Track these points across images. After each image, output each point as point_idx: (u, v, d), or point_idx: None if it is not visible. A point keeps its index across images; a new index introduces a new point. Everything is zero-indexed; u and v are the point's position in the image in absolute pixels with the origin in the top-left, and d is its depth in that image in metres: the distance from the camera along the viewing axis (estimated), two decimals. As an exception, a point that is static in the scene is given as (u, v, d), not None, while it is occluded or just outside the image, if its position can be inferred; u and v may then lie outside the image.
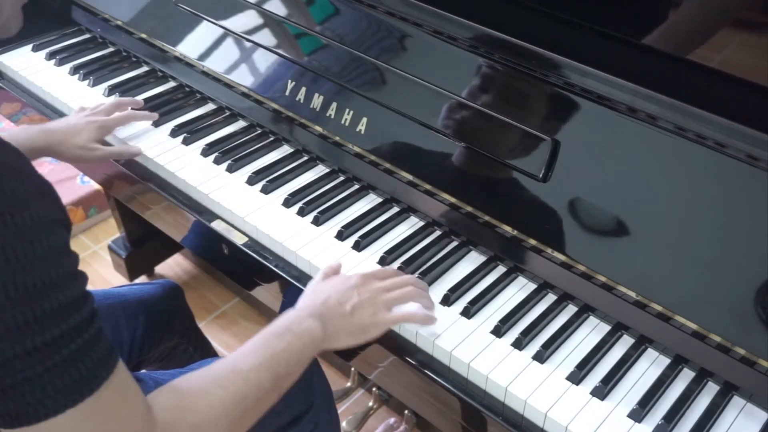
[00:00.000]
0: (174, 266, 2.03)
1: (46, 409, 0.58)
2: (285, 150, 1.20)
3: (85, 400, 0.59)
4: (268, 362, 0.76)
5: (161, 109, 1.28)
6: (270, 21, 1.21)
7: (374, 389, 1.48)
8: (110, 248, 1.92)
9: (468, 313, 0.92)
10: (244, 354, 0.76)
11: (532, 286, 0.96)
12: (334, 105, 1.11)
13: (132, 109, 1.23)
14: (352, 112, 1.09)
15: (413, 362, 0.89)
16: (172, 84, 1.36)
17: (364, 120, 1.08)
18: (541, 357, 0.86)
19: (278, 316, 0.82)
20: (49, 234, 0.57)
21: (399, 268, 0.97)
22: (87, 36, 1.49)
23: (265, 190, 1.10)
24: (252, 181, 1.12)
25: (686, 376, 0.86)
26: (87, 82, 1.35)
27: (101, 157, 1.15)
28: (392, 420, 1.54)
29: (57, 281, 0.57)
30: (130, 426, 0.63)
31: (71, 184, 2.14)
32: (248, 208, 1.07)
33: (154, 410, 0.66)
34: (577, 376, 0.84)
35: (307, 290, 0.90)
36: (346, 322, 0.85)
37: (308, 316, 0.83)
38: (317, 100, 1.13)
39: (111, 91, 1.32)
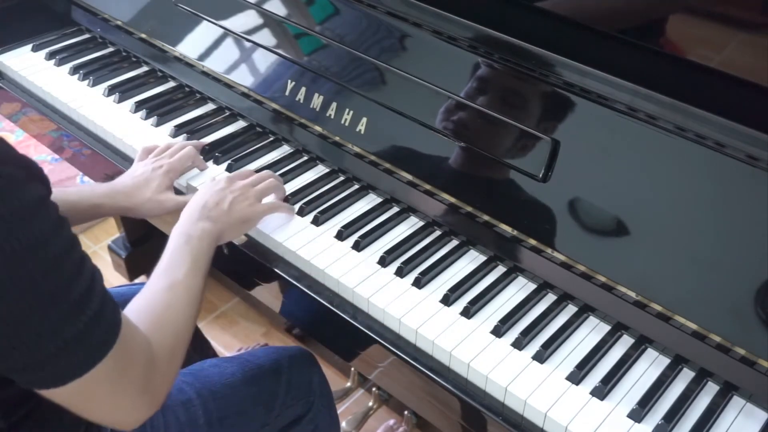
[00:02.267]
0: (174, 266, 2.02)
1: (82, 365, 0.64)
2: (285, 150, 1.20)
3: (114, 347, 0.66)
4: (194, 265, 0.87)
5: (161, 109, 1.28)
6: (270, 21, 1.21)
7: (374, 389, 1.48)
8: (110, 248, 1.92)
9: (468, 313, 0.92)
10: (172, 267, 0.86)
11: (532, 286, 0.96)
12: (334, 105, 1.11)
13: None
14: (352, 112, 1.09)
15: (413, 362, 0.89)
16: (172, 84, 1.36)
17: (364, 120, 1.08)
18: (540, 357, 0.86)
19: (173, 234, 0.92)
20: (49, 208, 0.63)
21: (399, 268, 0.97)
22: (87, 36, 1.49)
23: (265, 190, 1.10)
24: (252, 181, 1.12)
25: (686, 376, 0.86)
26: (87, 82, 1.35)
27: (173, 208, 1.05)
28: (392, 422, 1.54)
29: (66, 247, 0.63)
30: (141, 356, 0.71)
31: (71, 184, 2.14)
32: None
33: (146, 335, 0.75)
34: (576, 376, 0.84)
35: (188, 203, 0.98)
36: (228, 217, 0.96)
37: (198, 221, 0.93)
38: (317, 100, 1.13)
39: (111, 91, 1.32)
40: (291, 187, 1.11)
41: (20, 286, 0.59)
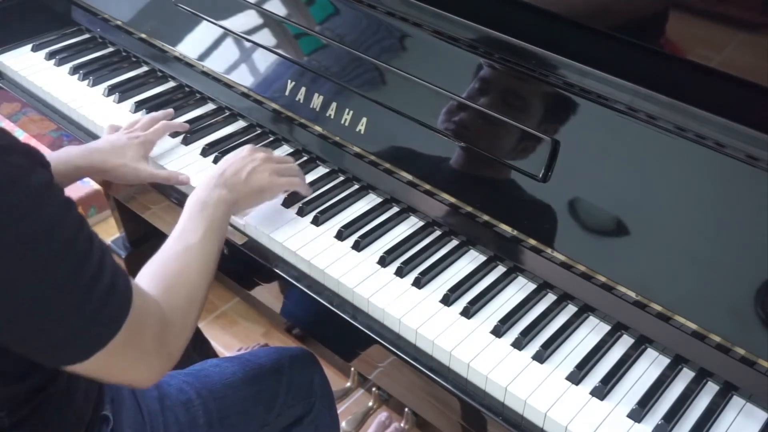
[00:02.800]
0: (174, 266, 2.02)
1: (101, 338, 0.66)
2: (285, 150, 1.20)
3: (129, 316, 0.67)
4: (210, 230, 0.89)
5: (161, 109, 1.27)
6: (270, 21, 1.21)
7: (374, 389, 1.48)
8: (110, 248, 1.92)
9: (468, 313, 0.92)
10: (187, 232, 0.88)
11: (532, 286, 0.96)
12: (333, 105, 1.11)
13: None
14: (351, 112, 1.09)
15: (413, 362, 0.89)
16: (171, 84, 1.36)
17: (364, 120, 1.08)
18: (540, 357, 0.86)
19: (189, 200, 0.93)
20: (57, 191, 0.64)
21: (399, 268, 0.97)
22: (87, 36, 1.49)
23: (265, 190, 1.10)
24: (252, 181, 1.12)
25: (686, 376, 0.86)
26: (87, 82, 1.35)
27: (149, 178, 1.10)
28: (384, 416, 1.54)
29: (76, 227, 0.64)
30: (153, 321, 0.73)
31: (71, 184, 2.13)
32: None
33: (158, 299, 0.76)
34: (576, 376, 0.84)
35: (210, 171, 0.99)
36: (245, 186, 0.97)
37: (215, 187, 0.94)
38: (317, 100, 1.13)
39: (111, 91, 1.32)
40: (291, 187, 1.11)
41: (38, 272, 0.61)
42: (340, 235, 1.03)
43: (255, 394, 1.02)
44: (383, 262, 0.98)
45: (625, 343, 0.89)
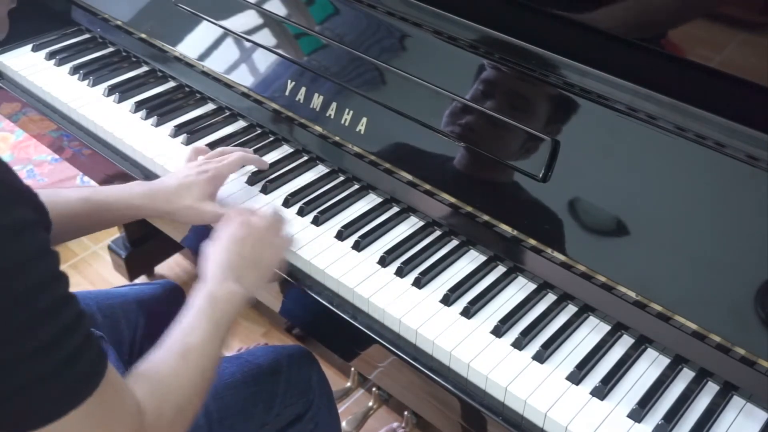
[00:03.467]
0: (174, 266, 2.03)
1: (48, 412, 0.58)
2: (285, 150, 1.20)
3: (87, 400, 0.60)
4: (214, 331, 0.81)
5: (161, 109, 1.28)
6: (270, 21, 1.21)
7: (374, 389, 1.48)
8: (110, 248, 1.92)
9: (468, 313, 0.92)
10: (190, 331, 0.80)
11: (532, 286, 0.96)
12: (333, 105, 1.11)
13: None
14: (352, 112, 1.09)
15: (413, 362, 0.89)
16: (172, 84, 1.36)
17: (364, 120, 1.08)
18: (540, 357, 0.86)
19: (197, 293, 0.85)
20: (31, 238, 0.58)
21: (399, 268, 0.97)
22: (87, 36, 1.49)
23: (265, 190, 1.10)
24: (252, 181, 1.12)
25: (686, 376, 0.86)
26: (87, 82, 1.35)
27: (211, 219, 1.01)
28: (395, 424, 1.54)
29: (44, 282, 0.58)
30: (125, 420, 0.65)
31: (71, 185, 2.14)
32: (248, 208, 1.07)
33: (139, 401, 0.68)
34: (576, 376, 0.84)
35: (208, 254, 0.91)
36: (256, 270, 0.91)
37: (224, 281, 0.86)
38: (317, 100, 1.13)
39: (111, 91, 1.32)
40: (291, 187, 1.11)
41: None
42: (340, 235, 1.03)
43: (254, 394, 1.02)
44: (383, 262, 0.98)
45: (625, 343, 0.89)
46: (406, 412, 1.47)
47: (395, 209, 1.08)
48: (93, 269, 2.04)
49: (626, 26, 0.91)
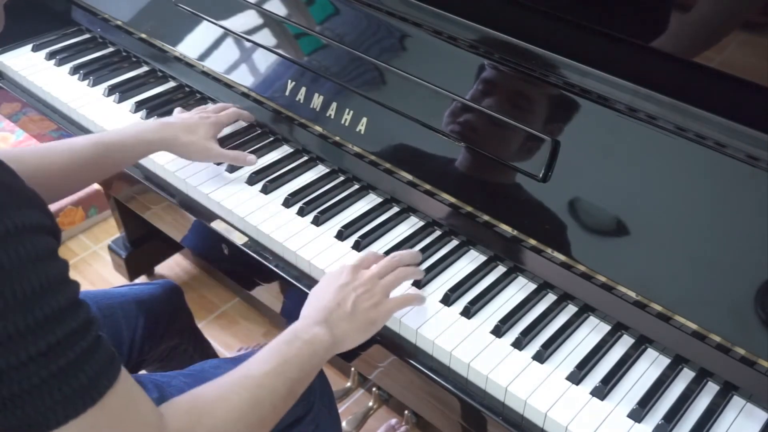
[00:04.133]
0: (174, 266, 2.03)
1: (47, 420, 0.57)
2: (285, 150, 1.20)
3: (88, 410, 0.59)
4: (280, 368, 0.77)
5: (161, 109, 1.28)
6: (270, 21, 1.21)
7: (374, 389, 1.48)
8: (110, 248, 1.92)
9: (468, 313, 0.92)
10: (257, 361, 0.77)
11: (532, 286, 0.96)
12: (334, 105, 1.11)
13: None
14: (352, 112, 1.09)
15: (413, 362, 0.89)
16: (172, 84, 1.36)
17: (364, 120, 1.08)
18: (541, 357, 0.86)
19: (281, 338, 0.82)
20: (35, 241, 0.57)
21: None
22: (87, 36, 1.49)
23: (265, 190, 1.10)
24: (252, 181, 1.12)
25: (686, 376, 0.86)
26: (87, 82, 1.35)
27: (218, 157, 1.11)
28: (393, 421, 1.54)
29: (48, 287, 0.57)
30: (148, 427, 0.63)
31: (71, 184, 2.14)
32: (248, 208, 1.07)
33: (167, 416, 0.66)
34: (577, 376, 0.84)
35: (309, 296, 0.90)
36: (352, 322, 0.85)
37: (314, 324, 0.83)
38: (317, 100, 1.13)
39: (111, 91, 1.32)
40: (291, 187, 1.11)
41: None
42: (341, 235, 1.03)
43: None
44: (383, 262, 0.98)
45: (625, 343, 0.89)
46: (406, 412, 1.47)
47: (395, 209, 1.08)
48: (93, 269, 2.04)
49: (626, 26, 0.91)
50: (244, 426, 0.72)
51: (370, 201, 1.10)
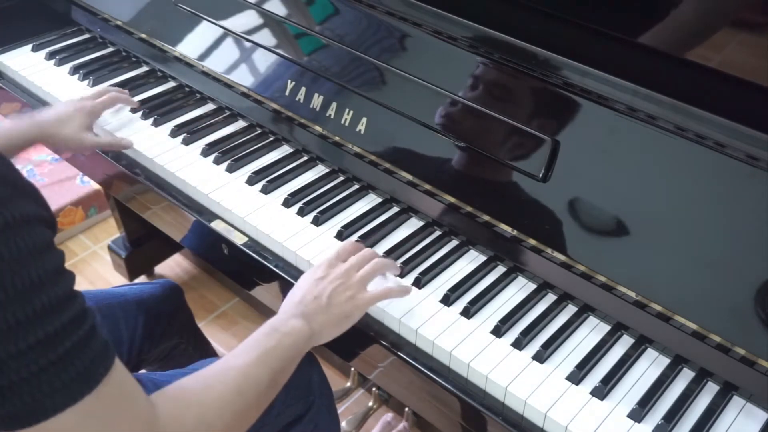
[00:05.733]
0: (174, 266, 2.03)
1: (45, 408, 0.58)
2: (285, 150, 1.20)
3: (85, 398, 0.59)
4: (261, 358, 0.79)
5: (161, 109, 1.28)
6: (270, 21, 1.21)
7: (374, 389, 1.48)
8: (110, 248, 1.92)
9: (468, 313, 0.92)
10: (238, 354, 0.79)
11: (532, 286, 0.96)
12: (333, 105, 1.11)
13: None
14: (351, 112, 1.09)
15: (413, 362, 0.89)
16: (172, 84, 1.36)
17: (364, 120, 1.08)
18: (540, 357, 0.86)
19: (260, 332, 0.83)
20: (31, 232, 0.57)
21: (398, 268, 0.97)
22: (87, 36, 1.49)
23: (265, 190, 1.10)
24: (252, 181, 1.12)
25: (686, 376, 0.86)
26: (87, 82, 1.35)
27: (91, 146, 1.16)
28: (390, 416, 1.54)
29: (44, 278, 0.57)
30: (132, 423, 0.64)
31: (71, 184, 2.14)
32: (248, 208, 1.07)
33: (157, 406, 0.67)
34: (576, 376, 0.84)
35: (288, 293, 0.91)
36: (327, 314, 0.87)
37: (291, 317, 0.85)
38: (317, 100, 1.13)
39: (111, 91, 1.32)
40: (291, 187, 1.11)
41: None
42: (341, 235, 1.03)
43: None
44: (383, 262, 0.98)
45: (625, 343, 0.89)
46: (406, 410, 1.47)
47: (395, 209, 1.08)
48: (93, 269, 2.04)
49: (626, 26, 0.91)
50: (231, 414, 0.73)
51: (370, 201, 1.10)
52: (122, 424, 0.63)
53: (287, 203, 1.08)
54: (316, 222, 1.05)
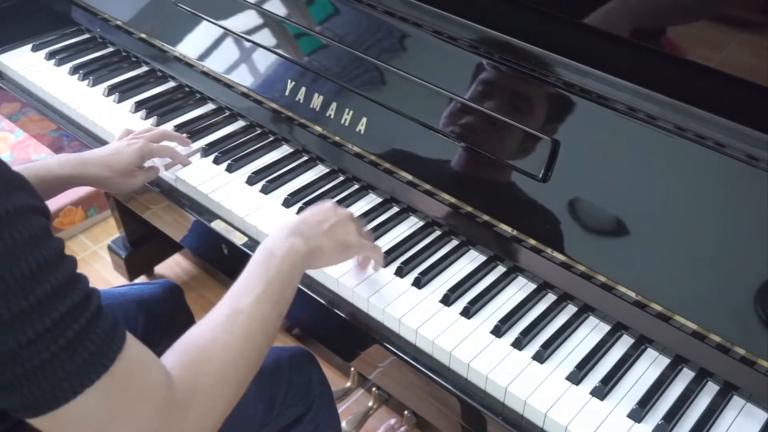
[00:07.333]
0: (174, 266, 2.03)
1: (64, 392, 0.58)
2: (285, 150, 1.20)
3: (102, 377, 0.60)
4: (265, 293, 0.76)
5: (161, 109, 1.28)
6: (270, 21, 1.21)
7: (374, 389, 1.48)
8: (110, 248, 1.92)
9: (468, 313, 0.92)
10: (241, 294, 0.77)
11: (532, 286, 0.96)
12: (333, 105, 1.11)
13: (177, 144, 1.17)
14: (351, 112, 1.09)
15: (413, 362, 0.89)
16: (171, 84, 1.36)
17: (364, 120, 1.08)
18: (540, 357, 0.86)
19: (255, 260, 0.81)
20: (26, 223, 0.58)
21: (398, 268, 0.97)
22: (87, 36, 1.49)
23: (265, 190, 1.10)
24: (252, 181, 1.12)
25: (686, 376, 0.86)
26: (87, 82, 1.35)
27: (134, 188, 1.09)
28: (393, 421, 1.54)
29: (45, 265, 0.58)
30: (151, 395, 0.64)
31: (71, 184, 2.14)
32: (248, 208, 1.07)
33: (170, 372, 0.67)
34: (576, 376, 0.84)
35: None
36: (327, 238, 0.86)
37: (288, 235, 0.82)
38: (317, 100, 1.13)
39: (111, 91, 1.32)
40: (291, 187, 1.11)
41: None
42: (340, 235, 1.02)
43: (254, 395, 1.02)
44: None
45: (625, 343, 0.89)
46: (406, 412, 1.47)
47: (395, 209, 1.08)
48: (93, 269, 2.04)
49: (626, 26, 0.91)
50: (244, 361, 0.72)
51: (370, 201, 1.10)
52: (141, 397, 0.63)
53: (287, 203, 1.08)
54: (316, 222, 1.05)
